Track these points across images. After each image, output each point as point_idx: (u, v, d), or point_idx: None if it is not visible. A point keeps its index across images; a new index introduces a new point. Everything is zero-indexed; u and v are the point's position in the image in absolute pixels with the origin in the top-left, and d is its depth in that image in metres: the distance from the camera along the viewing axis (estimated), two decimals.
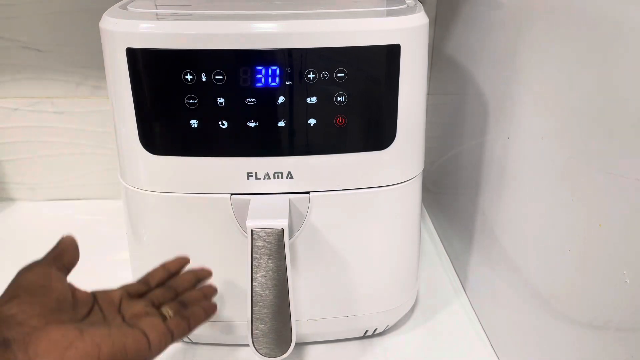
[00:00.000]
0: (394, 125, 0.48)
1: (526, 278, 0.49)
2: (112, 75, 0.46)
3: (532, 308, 0.48)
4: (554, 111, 0.43)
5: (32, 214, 0.82)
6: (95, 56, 0.75)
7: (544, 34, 0.44)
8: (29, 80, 0.77)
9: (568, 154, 0.41)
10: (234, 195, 0.49)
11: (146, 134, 0.47)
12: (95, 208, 0.83)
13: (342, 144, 0.48)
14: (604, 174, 0.37)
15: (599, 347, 0.39)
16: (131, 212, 0.52)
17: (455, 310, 0.63)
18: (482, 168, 0.58)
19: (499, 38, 0.53)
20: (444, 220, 0.76)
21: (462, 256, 0.67)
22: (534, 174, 0.47)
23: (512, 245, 0.52)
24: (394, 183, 0.50)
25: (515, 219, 0.51)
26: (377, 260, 0.54)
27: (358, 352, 0.58)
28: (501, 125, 0.53)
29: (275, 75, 0.45)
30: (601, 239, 0.38)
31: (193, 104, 0.45)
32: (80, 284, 0.42)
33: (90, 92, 0.78)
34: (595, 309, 0.39)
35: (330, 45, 0.44)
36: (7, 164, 0.82)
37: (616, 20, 0.35)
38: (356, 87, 0.46)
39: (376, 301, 0.56)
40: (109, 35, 0.45)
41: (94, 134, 0.81)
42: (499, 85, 0.53)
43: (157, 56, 0.44)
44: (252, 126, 0.46)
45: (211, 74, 0.44)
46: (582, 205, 0.40)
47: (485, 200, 0.58)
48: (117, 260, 0.70)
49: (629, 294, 0.35)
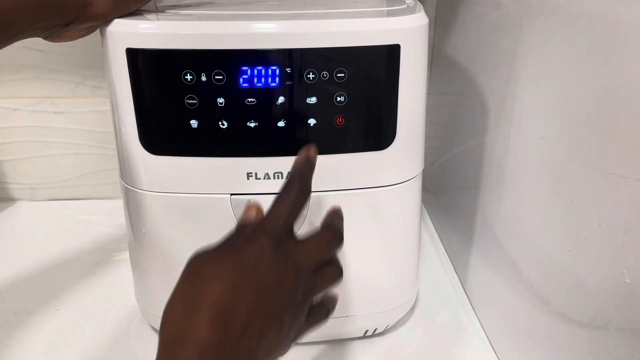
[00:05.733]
0: (394, 125, 0.48)
1: (526, 278, 0.49)
2: (112, 75, 0.46)
3: (532, 308, 0.48)
4: (554, 111, 0.43)
5: (32, 214, 0.82)
6: (95, 56, 0.75)
7: (544, 34, 0.44)
8: (29, 80, 0.77)
9: (568, 154, 0.41)
10: (234, 195, 0.49)
11: (146, 134, 0.47)
12: (95, 208, 0.83)
13: (342, 144, 0.48)
14: (604, 174, 0.37)
15: (599, 347, 0.39)
16: (131, 212, 0.52)
17: (455, 310, 0.63)
18: (482, 168, 0.58)
19: (499, 38, 0.53)
20: (444, 220, 0.76)
21: (462, 256, 0.67)
22: (534, 174, 0.47)
23: (512, 245, 0.52)
24: (394, 183, 0.50)
25: (515, 219, 0.51)
26: (377, 260, 0.54)
27: (358, 352, 0.58)
28: (501, 125, 0.53)
29: (275, 76, 0.45)
30: (601, 239, 0.38)
31: (193, 104, 0.45)
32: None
33: (90, 92, 0.78)
34: (595, 309, 0.39)
35: (330, 45, 0.44)
36: (7, 164, 0.82)
37: (616, 20, 0.35)
38: (356, 87, 0.46)
39: (376, 301, 0.56)
40: (109, 35, 0.45)
41: (94, 134, 0.81)
42: (499, 85, 0.53)
43: (157, 56, 0.44)
44: (252, 126, 0.46)
45: (211, 74, 0.44)
46: (582, 205, 0.40)
47: (485, 200, 0.58)
48: (117, 260, 0.71)
49: (629, 294, 0.35)
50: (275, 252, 0.36)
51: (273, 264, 0.35)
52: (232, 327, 0.32)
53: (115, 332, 0.59)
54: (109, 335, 0.59)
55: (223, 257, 0.35)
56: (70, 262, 0.70)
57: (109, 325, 0.60)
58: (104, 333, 0.59)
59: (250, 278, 0.34)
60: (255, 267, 0.35)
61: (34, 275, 0.68)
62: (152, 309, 0.56)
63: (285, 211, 0.38)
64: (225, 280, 0.34)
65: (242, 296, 0.33)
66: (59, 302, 0.63)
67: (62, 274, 0.68)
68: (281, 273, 0.36)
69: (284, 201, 0.39)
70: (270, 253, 0.35)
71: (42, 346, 0.57)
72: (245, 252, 0.35)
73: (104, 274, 0.68)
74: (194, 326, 0.32)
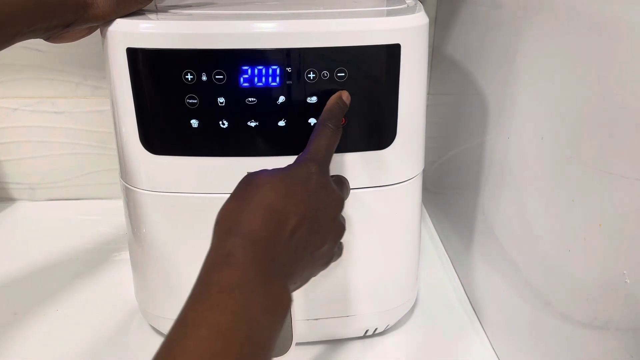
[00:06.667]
0: (394, 124, 0.48)
1: (526, 278, 0.49)
2: (112, 75, 0.46)
3: (532, 308, 0.48)
4: (554, 111, 0.43)
5: (32, 214, 0.82)
6: (95, 56, 0.75)
7: (544, 34, 0.44)
8: (29, 80, 0.77)
9: (568, 154, 0.41)
10: None
11: (146, 134, 0.47)
12: (95, 208, 0.83)
13: (343, 143, 0.48)
14: (604, 174, 0.37)
15: (599, 347, 0.39)
16: (131, 212, 0.52)
17: (455, 310, 0.63)
18: (482, 168, 0.58)
19: (499, 38, 0.53)
20: (444, 220, 0.76)
21: (462, 256, 0.67)
22: (534, 174, 0.47)
23: (512, 245, 0.52)
24: (394, 183, 0.50)
25: (515, 219, 0.51)
26: (377, 260, 0.54)
27: (358, 352, 0.58)
28: (501, 125, 0.53)
29: (275, 75, 0.45)
30: (601, 239, 0.38)
31: (193, 104, 0.45)
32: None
33: (90, 92, 0.78)
34: (595, 309, 0.39)
35: (331, 45, 0.44)
36: (7, 164, 0.82)
37: (616, 20, 0.35)
38: (356, 87, 0.46)
39: (376, 301, 0.56)
40: (109, 35, 0.45)
41: (94, 134, 0.81)
42: (499, 85, 0.53)
43: (157, 56, 0.44)
44: (252, 126, 0.46)
45: (211, 73, 0.44)
46: (582, 205, 0.40)
47: (485, 200, 0.58)
48: (117, 260, 0.71)
49: (629, 294, 0.35)
50: (322, 176, 0.39)
51: (321, 186, 0.38)
52: (283, 229, 0.35)
53: (115, 332, 0.59)
54: (109, 335, 0.59)
55: (276, 172, 0.38)
56: (70, 262, 0.70)
57: (109, 325, 0.60)
58: (104, 333, 0.59)
59: (302, 192, 0.37)
60: (306, 183, 0.38)
61: (34, 275, 0.68)
62: (152, 309, 0.56)
63: (324, 145, 0.41)
64: (279, 189, 0.36)
65: (294, 204, 0.36)
66: (59, 302, 0.63)
67: (62, 274, 0.68)
68: (328, 196, 0.39)
69: (320, 137, 0.41)
70: (318, 177, 0.38)
71: (41, 346, 0.57)
72: (296, 172, 0.38)
73: (104, 274, 0.68)
74: (249, 220, 0.34)
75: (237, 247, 0.33)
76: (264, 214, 0.35)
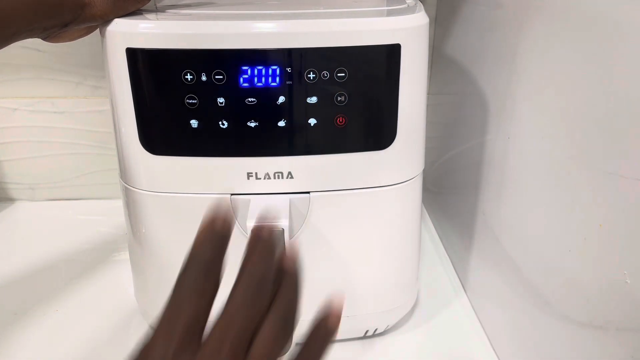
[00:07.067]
0: (394, 125, 0.48)
1: (526, 278, 0.49)
2: (112, 75, 0.46)
3: (532, 308, 0.48)
4: (554, 111, 0.43)
5: (32, 214, 0.82)
6: (95, 56, 0.75)
7: (544, 34, 0.44)
8: (29, 80, 0.77)
9: (568, 154, 0.41)
10: (234, 195, 0.49)
11: (146, 134, 0.47)
12: (95, 208, 0.83)
13: (343, 143, 0.48)
14: (604, 174, 0.37)
15: (599, 347, 0.39)
16: (131, 212, 0.52)
17: (455, 310, 0.63)
18: (482, 168, 0.58)
19: (499, 38, 0.53)
20: (444, 220, 0.76)
21: (462, 256, 0.67)
22: (534, 174, 0.47)
23: (512, 245, 0.52)
24: (394, 183, 0.50)
25: (515, 219, 0.51)
26: (377, 260, 0.54)
27: (358, 352, 0.58)
28: (501, 125, 0.53)
29: (275, 75, 0.45)
30: (601, 239, 0.38)
31: (193, 104, 0.45)
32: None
33: (90, 92, 0.78)
34: (595, 309, 0.39)
35: (331, 45, 0.44)
36: (7, 164, 0.82)
37: (616, 20, 0.35)
38: (356, 87, 0.46)
39: (376, 301, 0.56)
40: (108, 35, 0.45)
41: (94, 134, 0.81)
42: (499, 85, 0.53)
43: (157, 56, 0.44)
44: (252, 126, 0.46)
45: (211, 74, 0.44)
46: (582, 205, 0.40)
47: (485, 200, 0.58)
48: (117, 260, 0.71)
49: (629, 294, 0.35)
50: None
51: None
52: None
53: (115, 332, 0.59)
54: (109, 335, 0.59)
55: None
56: (70, 262, 0.70)
57: (109, 325, 0.60)
58: (104, 333, 0.59)
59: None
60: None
61: (34, 275, 0.68)
62: (151, 309, 0.56)
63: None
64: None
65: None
66: (59, 302, 0.63)
67: (61, 274, 0.68)
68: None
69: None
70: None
71: (41, 346, 0.57)
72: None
73: (104, 274, 0.68)
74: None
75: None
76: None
